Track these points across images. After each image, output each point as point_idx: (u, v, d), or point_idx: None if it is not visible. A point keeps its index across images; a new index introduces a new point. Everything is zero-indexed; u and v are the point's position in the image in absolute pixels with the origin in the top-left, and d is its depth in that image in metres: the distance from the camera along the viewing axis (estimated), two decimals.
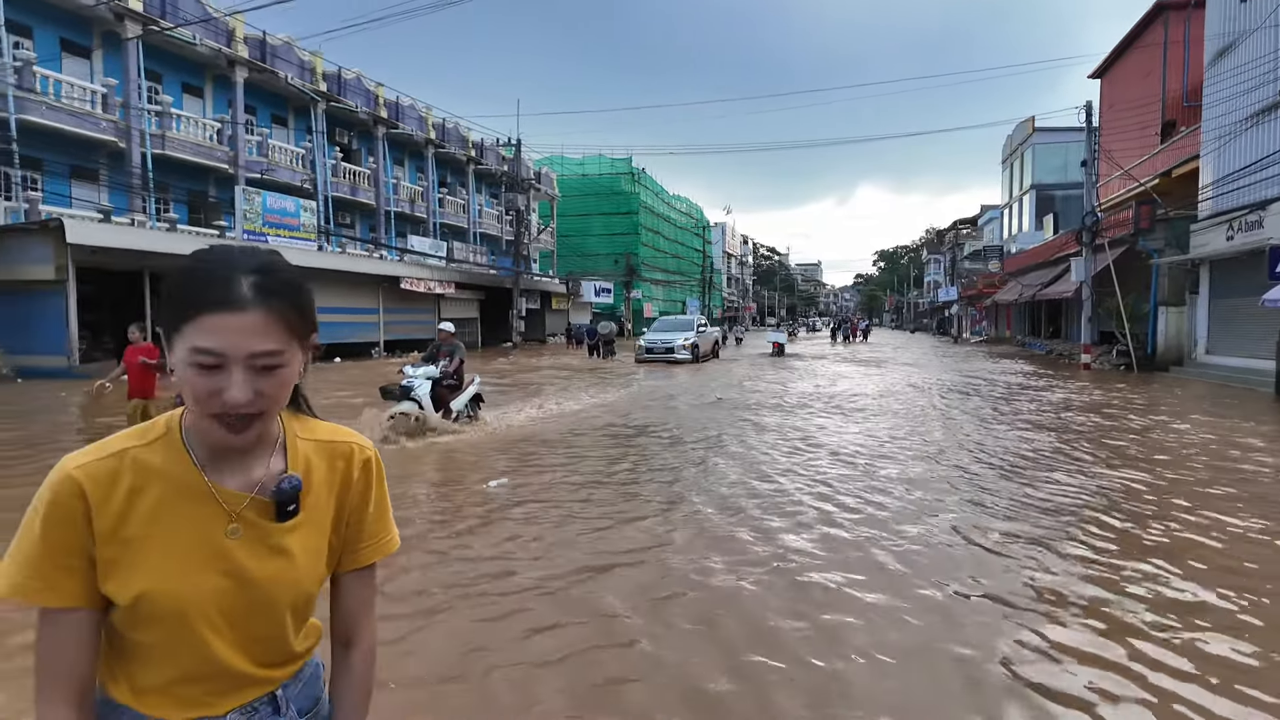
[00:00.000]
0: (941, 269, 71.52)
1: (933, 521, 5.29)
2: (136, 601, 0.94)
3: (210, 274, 0.92)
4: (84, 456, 0.95)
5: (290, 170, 26.43)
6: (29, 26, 19.07)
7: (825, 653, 3.24)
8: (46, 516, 0.92)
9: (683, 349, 23.55)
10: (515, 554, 4.56)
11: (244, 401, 0.91)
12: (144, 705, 0.99)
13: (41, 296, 16.48)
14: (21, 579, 0.92)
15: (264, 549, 1.00)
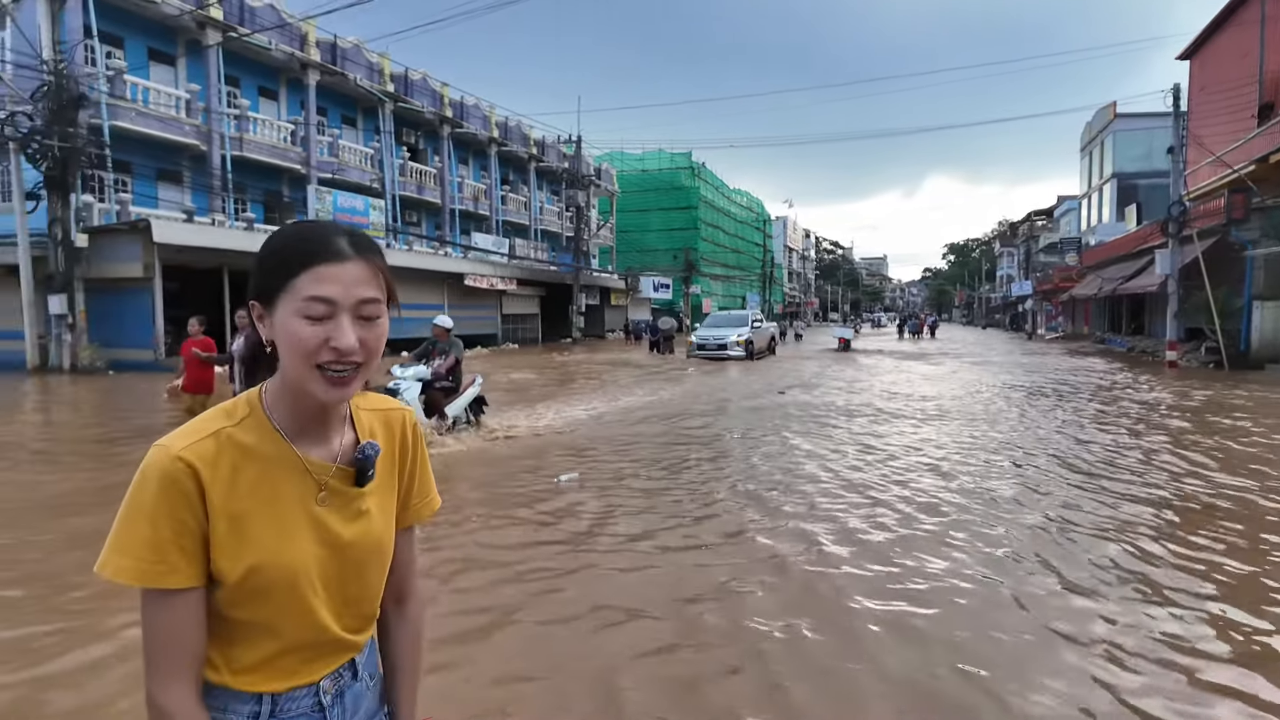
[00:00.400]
0: (1015, 262, 68.92)
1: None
2: (248, 575, 0.97)
3: (314, 234, 1.00)
4: (184, 439, 0.97)
5: (360, 170, 27.22)
6: (120, 37, 20.12)
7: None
8: (159, 498, 0.94)
9: (736, 346, 22.57)
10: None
11: (353, 347, 0.97)
12: (241, 683, 1.02)
13: (131, 293, 17.40)
14: (144, 565, 0.93)
15: (349, 513, 1.06)
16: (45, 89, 16.11)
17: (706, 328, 24.67)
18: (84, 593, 3.82)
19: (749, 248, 67.65)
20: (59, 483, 6.40)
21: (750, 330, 23.51)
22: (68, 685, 2.92)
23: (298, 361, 0.97)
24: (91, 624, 3.46)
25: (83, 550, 4.41)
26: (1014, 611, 3.65)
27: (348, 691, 1.11)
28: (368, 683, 1.15)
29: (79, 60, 17.70)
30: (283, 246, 1.00)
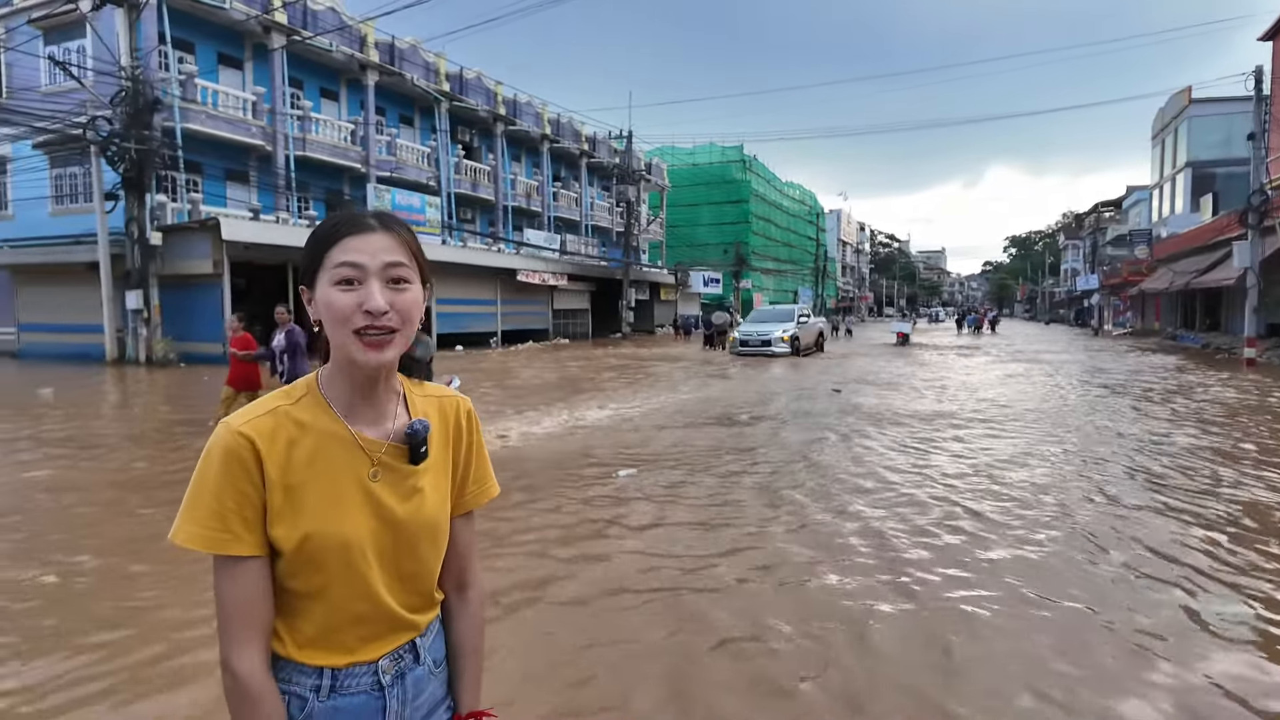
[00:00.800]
0: (1080, 255, 66.40)
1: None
2: (303, 543, 1.02)
3: (344, 215, 1.09)
4: (244, 416, 1.04)
5: (416, 168, 27.81)
6: (192, 43, 20.96)
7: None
8: (222, 471, 1.01)
9: (780, 342, 21.64)
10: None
11: (381, 308, 1.02)
12: (304, 655, 1.07)
13: (201, 289, 18.16)
14: (209, 532, 1.00)
15: (402, 490, 1.10)
16: (123, 94, 16.89)
17: (750, 323, 23.80)
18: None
19: (801, 241, 66.76)
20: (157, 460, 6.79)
21: (796, 326, 22.60)
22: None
23: (337, 328, 1.04)
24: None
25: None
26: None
27: (409, 674, 1.13)
28: (431, 668, 1.17)
29: (154, 66, 18.52)
30: (318, 230, 1.08)
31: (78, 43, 19.46)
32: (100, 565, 4.25)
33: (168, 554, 4.26)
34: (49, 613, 3.57)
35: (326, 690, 1.07)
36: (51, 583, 3.97)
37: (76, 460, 7.21)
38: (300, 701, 1.06)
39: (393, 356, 1.06)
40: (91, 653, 3.13)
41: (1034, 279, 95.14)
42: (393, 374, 1.14)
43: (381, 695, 1.10)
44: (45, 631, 3.35)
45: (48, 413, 10.46)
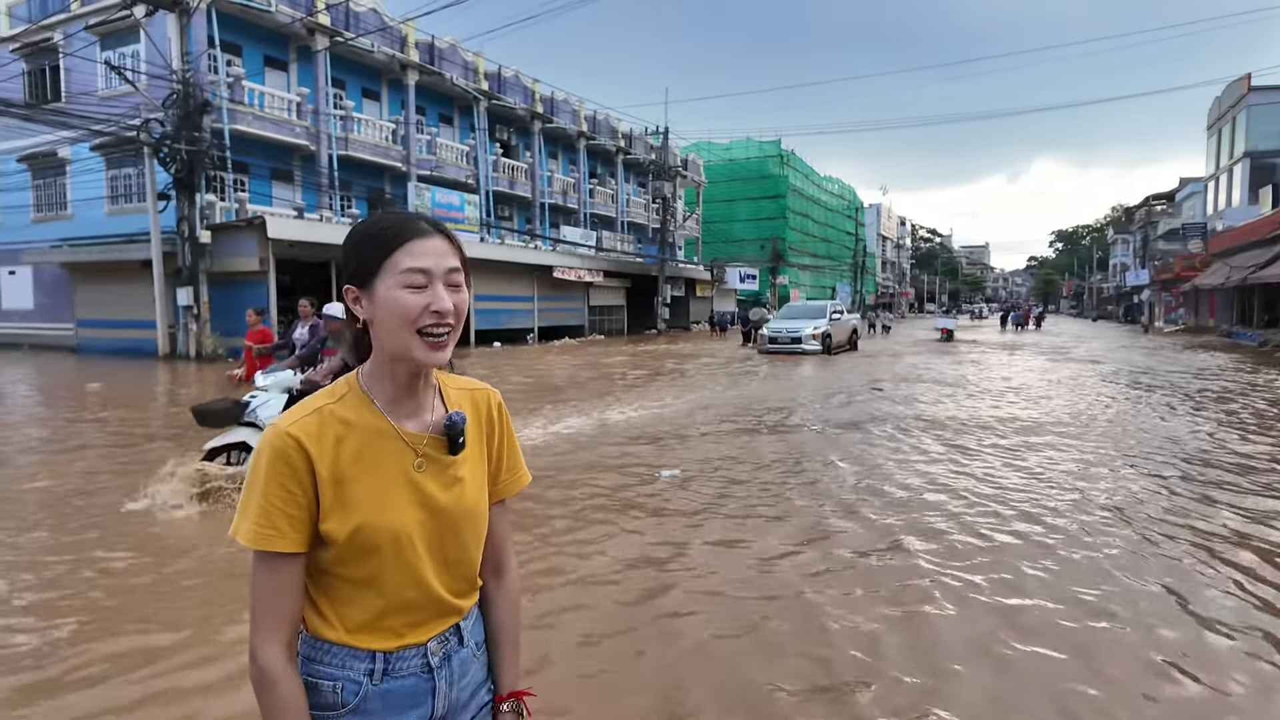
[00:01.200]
0: (1130, 250, 64.44)
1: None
2: (354, 534, 1.07)
3: (399, 218, 1.13)
4: (290, 418, 1.09)
5: (456, 167, 28.15)
6: (239, 46, 21.50)
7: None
8: (270, 472, 1.05)
9: (811, 339, 20.77)
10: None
11: (449, 309, 1.09)
12: (356, 640, 1.11)
13: (248, 285, 18.64)
14: (256, 528, 1.05)
15: (444, 479, 1.15)
16: (174, 97, 17.41)
17: (780, 319, 23.05)
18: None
19: (840, 236, 65.98)
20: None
21: (829, 322, 21.76)
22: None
23: (401, 328, 1.08)
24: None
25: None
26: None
27: (455, 656, 1.18)
28: (474, 650, 1.23)
29: (203, 69, 19.04)
30: (376, 232, 1.11)
31: (132, 47, 20.10)
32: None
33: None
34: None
35: (380, 674, 1.11)
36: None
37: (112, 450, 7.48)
38: (354, 686, 1.10)
39: (448, 355, 1.12)
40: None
41: (1080, 274, 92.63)
42: (432, 371, 1.19)
43: (431, 677, 1.15)
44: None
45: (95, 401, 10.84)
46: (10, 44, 22.13)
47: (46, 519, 5.11)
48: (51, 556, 4.32)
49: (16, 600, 3.69)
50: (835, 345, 21.85)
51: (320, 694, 1.10)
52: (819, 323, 21.47)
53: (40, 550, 4.46)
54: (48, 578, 3.99)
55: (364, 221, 1.16)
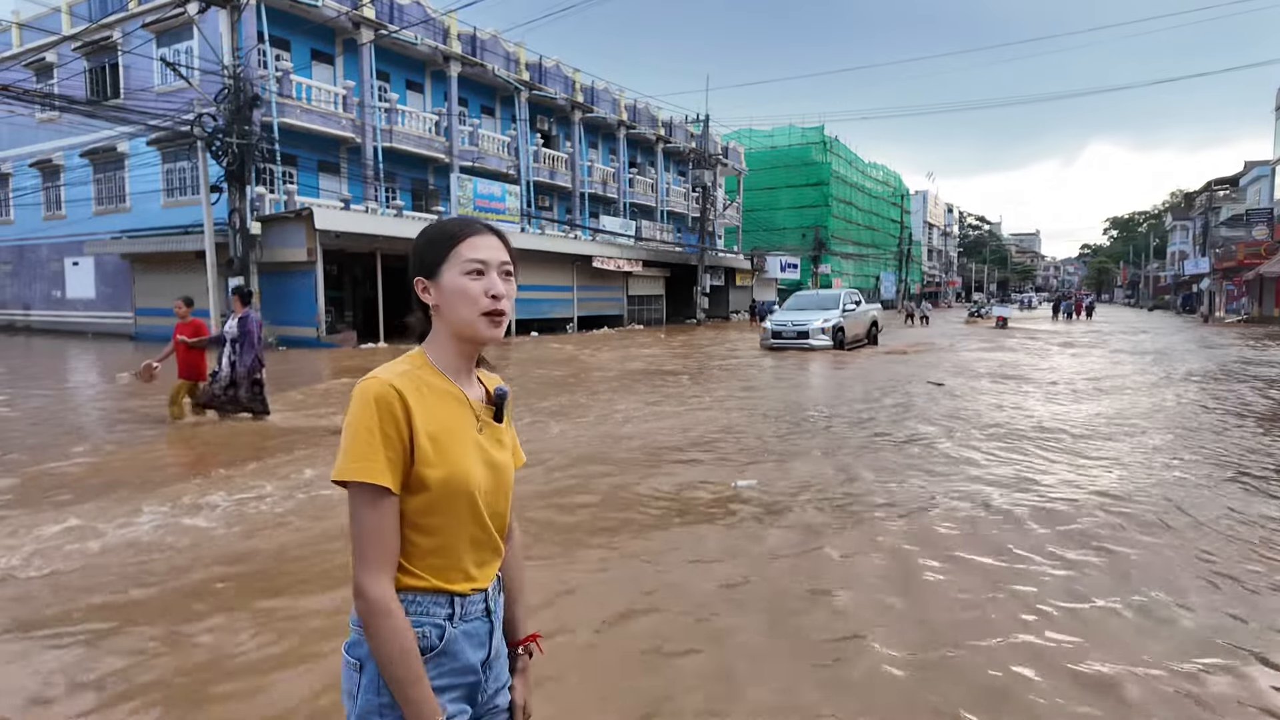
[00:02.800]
0: (1189, 237, 61.99)
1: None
2: (445, 481, 1.22)
3: (463, 221, 1.32)
4: (389, 371, 1.23)
5: (497, 157, 28.39)
6: (288, 40, 21.97)
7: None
8: (379, 416, 1.18)
9: (820, 333, 18.38)
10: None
11: (505, 293, 1.28)
12: (438, 581, 1.25)
13: (296, 275, 19.13)
14: (360, 464, 1.16)
15: (495, 442, 1.34)
16: (226, 91, 17.88)
17: (787, 310, 20.41)
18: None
19: (884, 224, 64.81)
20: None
21: (841, 314, 19.25)
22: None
23: (467, 309, 1.26)
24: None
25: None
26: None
27: (497, 601, 1.36)
28: (499, 594, 1.40)
29: (253, 64, 19.50)
30: (442, 230, 1.30)
31: (186, 44, 20.69)
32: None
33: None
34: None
35: (457, 617, 1.27)
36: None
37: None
38: (439, 630, 1.25)
39: (503, 334, 1.30)
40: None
41: (1136, 263, 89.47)
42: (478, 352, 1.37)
43: (489, 619, 1.32)
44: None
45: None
46: (72, 42, 22.95)
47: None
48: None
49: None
50: (850, 340, 19.50)
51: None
52: (830, 314, 19.05)
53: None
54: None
55: (432, 225, 1.35)
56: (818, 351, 18.08)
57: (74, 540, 4.44)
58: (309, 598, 3.59)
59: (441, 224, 1.32)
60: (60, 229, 24.97)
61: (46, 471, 6.24)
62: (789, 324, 19.03)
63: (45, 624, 3.31)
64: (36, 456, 6.83)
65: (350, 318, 22.36)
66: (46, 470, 6.29)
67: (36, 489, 5.69)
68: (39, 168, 25.27)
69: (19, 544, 4.37)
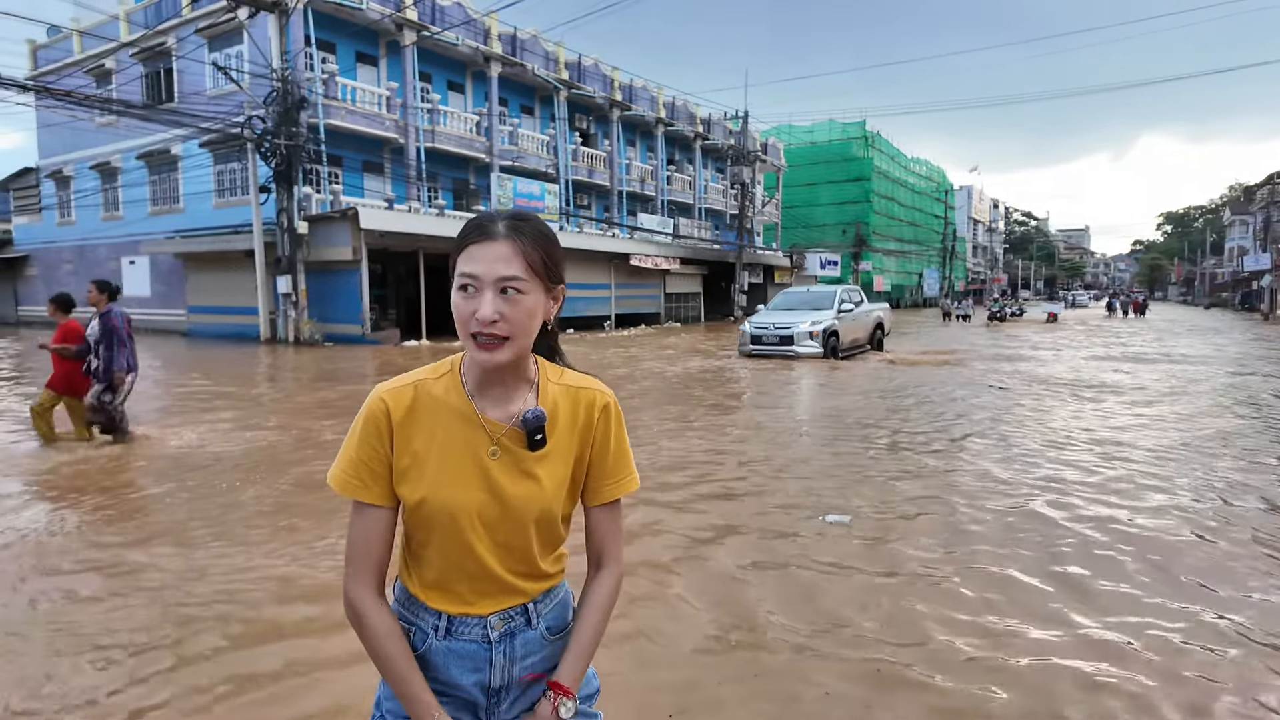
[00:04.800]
0: (1249, 232, 59.66)
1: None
2: (419, 504, 1.16)
3: (476, 220, 1.16)
4: (389, 384, 1.19)
5: (536, 156, 28.59)
6: (333, 43, 22.42)
7: None
8: (363, 429, 1.16)
9: (808, 338, 15.25)
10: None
11: (490, 317, 1.09)
12: (428, 599, 1.21)
13: (342, 274, 19.53)
14: (345, 477, 1.16)
15: (517, 472, 1.18)
16: (274, 94, 18.34)
17: (771, 310, 17.13)
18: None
19: (927, 220, 63.65)
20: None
21: (835, 316, 16.05)
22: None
23: (459, 329, 1.13)
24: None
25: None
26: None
27: (519, 635, 1.23)
28: (545, 635, 1.25)
29: (300, 67, 19.96)
30: (460, 232, 1.17)
31: (236, 48, 21.25)
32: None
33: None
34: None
35: (443, 631, 1.21)
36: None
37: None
38: (423, 635, 1.22)
39: (505, 359, 1.12)
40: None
41: (1191, 259, 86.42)
42: (523, 366, 1.20)
43: (489, 648, 1.21)
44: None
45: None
46: (130, 49, 23.76)
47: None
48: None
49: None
50: (847, 346, 16.46)
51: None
52: (821, 316, 15.86)
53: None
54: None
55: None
56: (805, 360, 14.99)
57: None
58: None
59: (467, 223, 1.18)
60: (118, 229, 25.89)
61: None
62: (771, 326, 15.93)
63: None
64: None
65: (394, 315, 22.76)
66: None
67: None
68: (98, 170, 26.24)
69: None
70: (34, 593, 3.58)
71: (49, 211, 29.14)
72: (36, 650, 2.99)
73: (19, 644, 3.05)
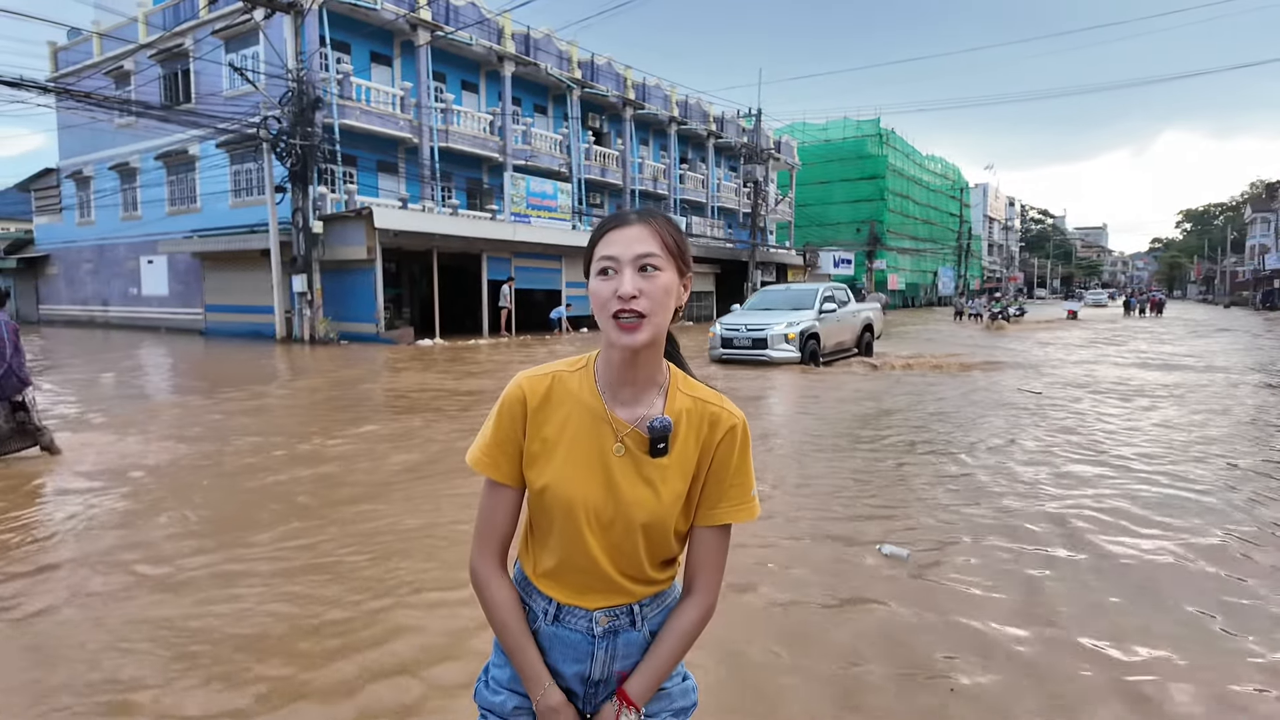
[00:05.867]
0: (1271, 230, 58.82)
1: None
2: (543, 491, 1.21)
3: (615, 216, 1.21)
4: (531, 373, 1.24)
5: (550, 155, 28.64)
6: (348, 43, 22.55)
7: None
8: (500, 412, 1.23)
9: (783, 342, 13.64)
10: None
11: (631, 292, 1.13)
12: (541, 584, 1.27)
13: (356, 273, 19.65)
14: (479, 455, 1.24)
15: (635, 475, 1.20)
16: (290, 95, 18.47)
17: (745, 311, 15.39)
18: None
19: (943, 218, 63.21)
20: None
21: (816, 316, 14.32)
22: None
23: (598, 311, 1.17)
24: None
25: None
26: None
27: (622, 634, 1.26)
28: (648, 638, 1.27)
29: (315, 67, 20.09)
30: (594, 229, 1.22)
31: (252, 49, 21.42)
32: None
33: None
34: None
35: (551, 617, 1.26)
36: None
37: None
38: (534, 617, 1.27)
39: (644, 339, 1.14)
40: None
41: (1211, 257, 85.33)
42: (655, 365, 1.22)
43: (591, 642, 1.25)
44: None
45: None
46: (148, 50, 24.01)
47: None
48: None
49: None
50: (830, 350, 14.70)
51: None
52: (800, 317, 14.14)
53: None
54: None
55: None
56: (781, 366, 13.48)
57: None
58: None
59: (600, 222, 1.23)
60: (136, 229, 26.19)
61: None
62: (743, 328, 14.19)
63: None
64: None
65: (408, 314, 22.88)
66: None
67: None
68: (117, 170, 26.55)
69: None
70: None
71: (69, 212, 29.51)
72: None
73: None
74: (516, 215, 23.31)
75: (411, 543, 4.24)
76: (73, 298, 29.84)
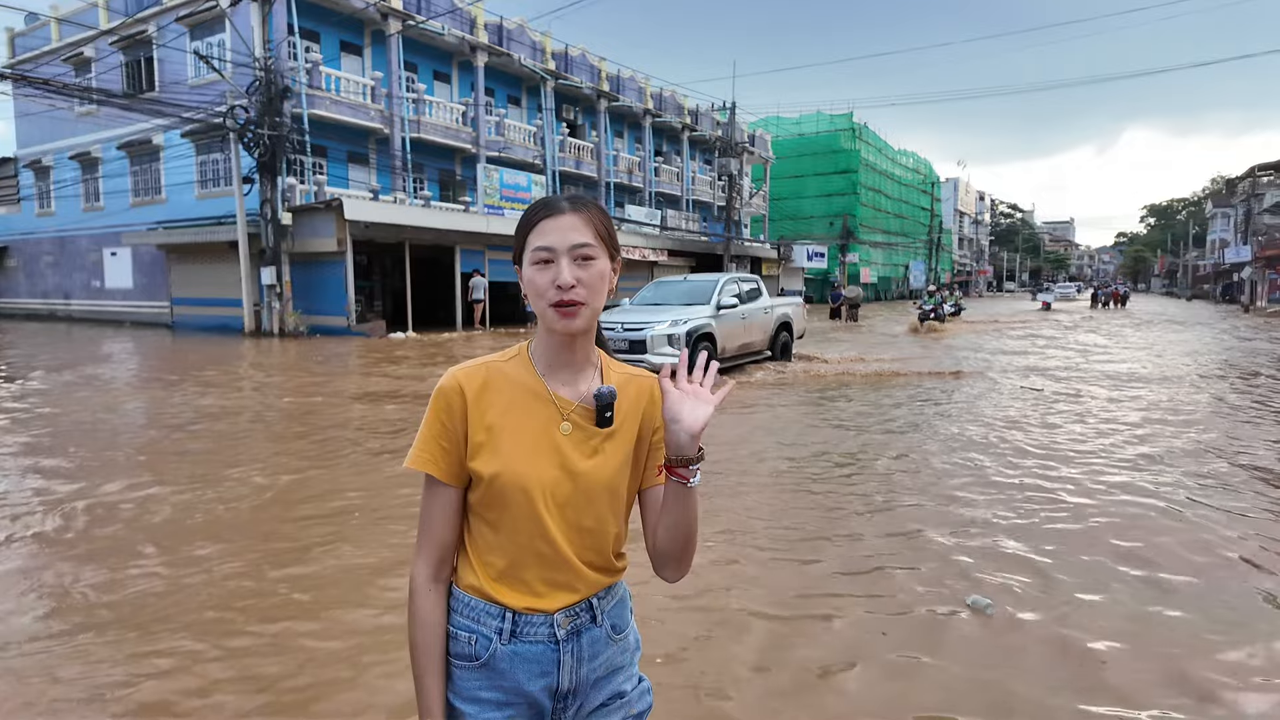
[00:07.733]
0: (1231, 225, 60.30)
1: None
2: (494, 478, 1.19)
3: (543, 203, 1.23)
4: (464, 366, 1.24)
5: (523, 147, 28.43)
6: (317, 32, 22.16)
7: None
8: (436, 408, 1.21)
9: (665, 343, 10.88)
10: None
11: (570, 281, 1.16)
12: (495, 593, 1.21)
13: (327, 265, 19.38)
14: (419, 453, 1.21)
15: (586, 448, 1.23)
16: (257, 84, 18.12)
17: (630, 307, 12.62)
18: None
19: (914, 212, 63.89)
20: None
21: (713, 313, 11.80)
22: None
23: (537, 300, 1.19)
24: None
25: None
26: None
27: (585, 633, 1.24)
28: (610, 633, 1.27)
29: (284, 56, 19.73)
30: (523, 216, 1.24)
31: (218, 37, 20.97)
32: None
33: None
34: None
35: (508, 634, 1.20)
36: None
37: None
38: (486, 641, 1.21)
39: (582, 324, 1.20)
40: None
41: (1174, 251, 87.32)
42: (589, 345, 1.27)
43: (556, 648, 1.21)
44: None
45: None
46: (109, 37, 23.40)
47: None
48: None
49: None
50: (731, 354, 12.33)
51: (458, 643, 1.22)
52: (691, 313, 11.55)
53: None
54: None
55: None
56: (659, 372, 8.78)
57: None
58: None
59: (529, 207, 1.25)
60: (99, 220, 25.55)
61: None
62: (619, 328, 11.14)
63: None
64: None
65: (379, 307, 22.63)
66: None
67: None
68: (78, 160, 25.87)
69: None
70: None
71: (28, 202, 28.73)
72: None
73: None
74: (490, 207, 23.12)
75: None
76: (32, 290, 29.07)
